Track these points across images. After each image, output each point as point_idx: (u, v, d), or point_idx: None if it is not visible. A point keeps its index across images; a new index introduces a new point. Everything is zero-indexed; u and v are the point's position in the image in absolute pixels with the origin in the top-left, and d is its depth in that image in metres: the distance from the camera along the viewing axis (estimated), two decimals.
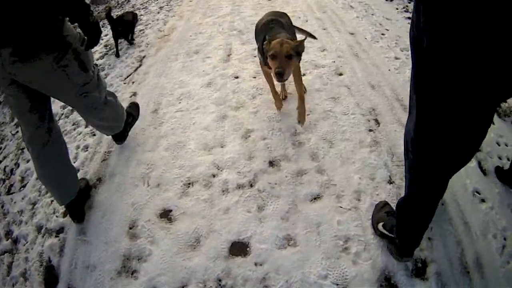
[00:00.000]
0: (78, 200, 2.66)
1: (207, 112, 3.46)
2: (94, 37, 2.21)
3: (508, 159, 2.82)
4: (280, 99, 3.31)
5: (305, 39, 2.72)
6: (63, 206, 2.65)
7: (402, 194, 2.16)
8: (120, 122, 2.95)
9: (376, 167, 2.80)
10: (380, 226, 2.30)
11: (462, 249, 2.26)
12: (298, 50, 2.65)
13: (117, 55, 4.88)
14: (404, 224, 2.04)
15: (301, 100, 3.00)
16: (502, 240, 2.32)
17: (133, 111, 3.33)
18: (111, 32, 4.91)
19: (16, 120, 3.90)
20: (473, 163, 2.75)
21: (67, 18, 2.13)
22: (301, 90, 3.03)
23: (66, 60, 2.14)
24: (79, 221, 2.69)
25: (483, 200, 2.54)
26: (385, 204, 2.44)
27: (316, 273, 2.20)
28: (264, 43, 2.70)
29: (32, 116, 2.31)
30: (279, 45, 2.57)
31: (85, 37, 2.19)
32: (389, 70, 4.00)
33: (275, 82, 3.04)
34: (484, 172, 2.73)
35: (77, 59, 2.21)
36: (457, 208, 2.47)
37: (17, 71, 2.05)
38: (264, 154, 2.98)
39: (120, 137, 3.16)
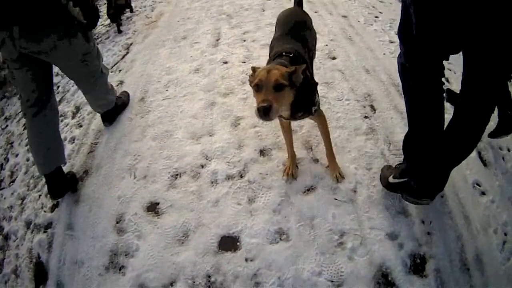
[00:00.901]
0: (59, 176, 2.73)
1: (195, 99, 3.35)
2: (93, 20, 2.57)
3: (509, 150, 2.77)
4: (294, 162, 2.64)
5: (303, 65, 2.05)
6: (43, 175, 2.73)
7: None
8: (112, 95, 3.12)
9: (373, 156, 2.69)
10: (391, 178, 2.35)
11: (462, 245, 2.19)
12: (292, 79, 1.98)
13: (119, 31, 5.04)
14: (415, 160, 2.13)
15: (331, 157, 2.56)
16: (503, 236, 2.25)
17: (124, 97, 3.39)
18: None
19: (4, 115, 4.00)
20: (473, 153, 2.59)
21: (71, 3, 2.41)
22: (330, 143, 2.52)
23: (72, 33, 2.45)
24: (55, 197, 2.75)
25: (483, 193, 2.47)
26: (389, 166, 2.50)
27: (310, 269, 2.12)
28: (249, 74, 2.14)
29: (34, 86, 2.55)
30: (265, 73, 1.93)
31: (85, 20, 2.52)
32: (384, 54, 3.87)
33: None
34: (484, 163, 2.67)
35: (81, 31, 2.52)
36: (457, 201, 2.40)
37: (27, 45, 2.32)
38: (254, 143, 2.88)
39: (109, 117, 3.21)
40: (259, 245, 2.25)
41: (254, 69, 2.11)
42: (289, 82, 1.95)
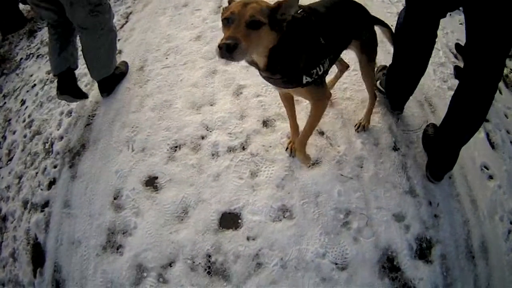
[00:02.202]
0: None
1: (196, 68, 3.15)
2: None
3: None
4: (297, 134, 2.35)
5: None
6: (55, 75, 2.92)
7: (408, 163, 2.37)
8: (112, 60, 3.04)
9: (380, 131, 2.54)
10: (377, 83, 2.68)
11: (469, 230, 2.16)
12: (277, 18, 1.57)
13: None
14: (392, 91, 2.55)
15: (301, 142, 2.21)
16: (508, 224, 2.22)
17: (122, 66, 3.25)
18: None
19: (3, 92, 3.95)
20: (481, 134, 2.60)
21: None
22: (310, 131, 2.16)
23: None
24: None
25: (491, 177, 2.42)
26: (383, 67, 2.78)
27: (314, 250, 2.05)
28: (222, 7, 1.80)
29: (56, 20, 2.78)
30: (240, 5, 1.53)
31: None
32: (392, 25, 3.54)
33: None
34: (492, 145, 2.61)
35: None
36: (465, 184, 2.34)
37: None
38: (257, 113, 2.71)
39: (107, 86, 3.09)
40: (261, 223, 2.16)
41: (230, 1, 1.70)
42: (269, 21, 1.53)
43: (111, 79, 3.09)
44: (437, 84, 2.88)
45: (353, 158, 2.39)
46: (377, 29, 2.33)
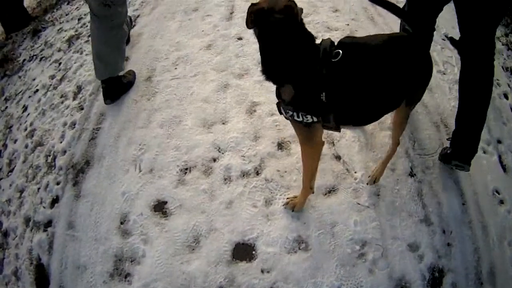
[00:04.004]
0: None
1: (207, 80, 3.03)
2: None
3: None
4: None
5: None
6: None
7: (423, 190, 2.36)
8: (118, 60, 2.96)
9: (397, 155, 2.44)
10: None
11: (479, 257, 2.15)
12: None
13: None
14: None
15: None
16: None
17: (129, 75, 3.13)
18: None
19: (4, 95, 3.84)
20: (494, 157, 2.60)
21: None
22: (304, 176, 2.11)
23: None
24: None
25: (501, 202, 2.41)
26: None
27: (329, 283, 1.99)
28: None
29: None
30: None
31: None
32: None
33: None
34: (504, 168, 2.59)
35: None
36: (477, 210, 2.33)
37: None
38: (272, 134, 2.60)
39: (111, 91, 2.96)
40: (276, 254, 2.09)
41: None
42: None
43: (117, 84, 2.96)
44: (452, 104, 2.80)
45: (370, 186, 2.33)
46: None
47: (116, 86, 2.96)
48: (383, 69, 1.71)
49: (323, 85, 1.65)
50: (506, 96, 3.15)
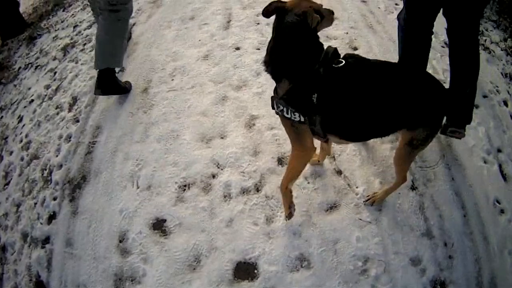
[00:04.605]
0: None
1: (204, 92, 2.99)
2: None
3: None
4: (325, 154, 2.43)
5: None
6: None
7: (425, 203, 2.36)
8: (118, 53, 3.02)
9: None
10: None
11: (480, 268, 2.17)
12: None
13: None
14: None
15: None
16: None
17: (127, 84, 3.14)
18: None
19: (1, 104, 3.82)
20: (494, 166, 2.61)
21: None
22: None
23: None
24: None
25: (502, 211, 2.43)
26: None
27: None
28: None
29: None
30: None
31: None
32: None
33: None
34: (504, 177, 2.60)
35: None
36: (478, 221, 2.35)
37: None
38: (272, 149, 2.57)
39: (104, 82, 2.93)
40: (278, 273, 2.07)
41: None
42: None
43: (112, 78, 2.96)
44: None
45: None
46: None
47: (111, 80, 2.95)
48: (378, 89, 1.77)
49: (317, 86, 1.73)
50: (505, 103, 3.15)
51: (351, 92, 1.75)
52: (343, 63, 1.74)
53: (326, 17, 1.79)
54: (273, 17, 1.76)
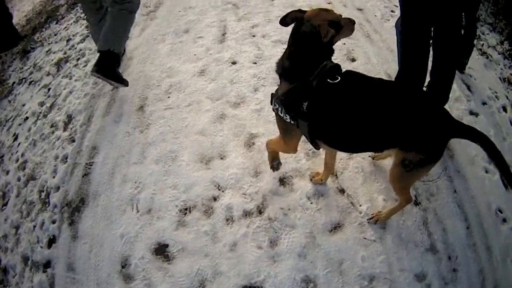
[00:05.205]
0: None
1: (202, 110, 2.95)
2: None
3: None
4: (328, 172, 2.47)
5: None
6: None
7: (428, 218, 2.36)
8: (121, 40, 3.11)
9: None
10: None
11: (483, 278, 2.17)
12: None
13: None
14: None
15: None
16: None
17: (125, 81, 3.16)
18: None
19: None
20: (496, 176, 2.61)
21: None
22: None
23: None
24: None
25: (504, 220, 2.44)
26: None
27: None
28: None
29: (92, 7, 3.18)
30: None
31: None
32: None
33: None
34: (506, 185, 2.57)
35: None
36: (481, 232, 2.35)
37: None
38: None
39: (103, 64, 2.96)
40: None
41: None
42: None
43: (112, 62, 2.99)
44: None
45: None
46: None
47: (110, 64, 2.98)
48: (366, 107, 1.81)
49: (307, 96, 1.83)
50: (505, 109, 3.14)
51: (339, 107, 1.83)
52: (338, 80, 1.81)
53: (346, 26, 1.88)
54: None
